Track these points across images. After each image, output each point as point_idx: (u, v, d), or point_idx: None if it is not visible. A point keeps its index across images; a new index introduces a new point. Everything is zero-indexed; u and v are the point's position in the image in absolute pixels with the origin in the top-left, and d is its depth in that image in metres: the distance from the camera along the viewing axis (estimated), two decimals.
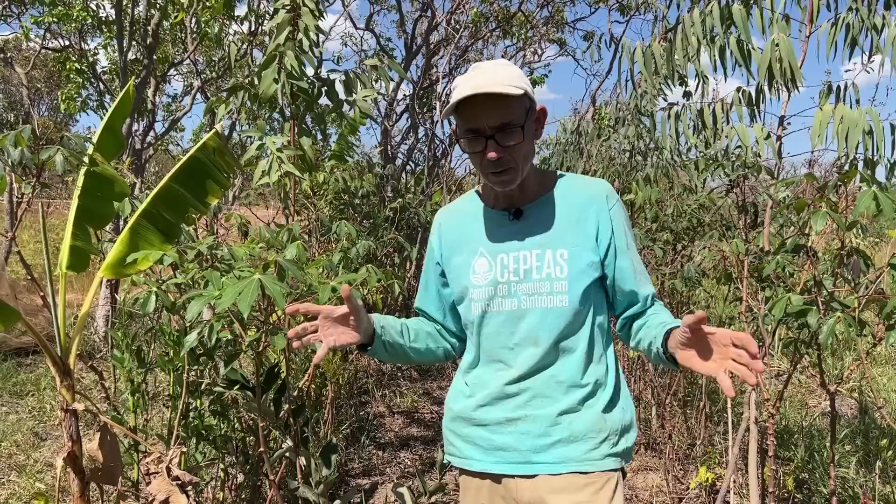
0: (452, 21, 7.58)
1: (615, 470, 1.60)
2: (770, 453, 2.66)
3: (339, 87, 2.92)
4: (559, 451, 1.57)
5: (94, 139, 2.50)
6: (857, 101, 2.86)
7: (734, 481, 3.43)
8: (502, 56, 8.66)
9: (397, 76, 7.32)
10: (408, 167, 7.89)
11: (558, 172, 1.68)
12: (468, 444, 1.67)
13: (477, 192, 1.75)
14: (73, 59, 7.56)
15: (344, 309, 1.52)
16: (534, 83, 8.55)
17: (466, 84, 1.46)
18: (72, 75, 7.52)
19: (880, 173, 2.85)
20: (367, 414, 4.90)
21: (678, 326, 1.39)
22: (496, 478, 1.63)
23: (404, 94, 8.17)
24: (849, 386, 5.33)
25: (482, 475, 1.66)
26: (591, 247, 1.58)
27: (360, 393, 5.29)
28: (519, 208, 1.63)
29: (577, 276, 1.56)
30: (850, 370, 2.54)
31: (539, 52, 8.57)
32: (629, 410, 1.66)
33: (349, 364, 4.93)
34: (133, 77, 2.93)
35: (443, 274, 1.74)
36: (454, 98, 1.47)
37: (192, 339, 2.02)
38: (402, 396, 5.39)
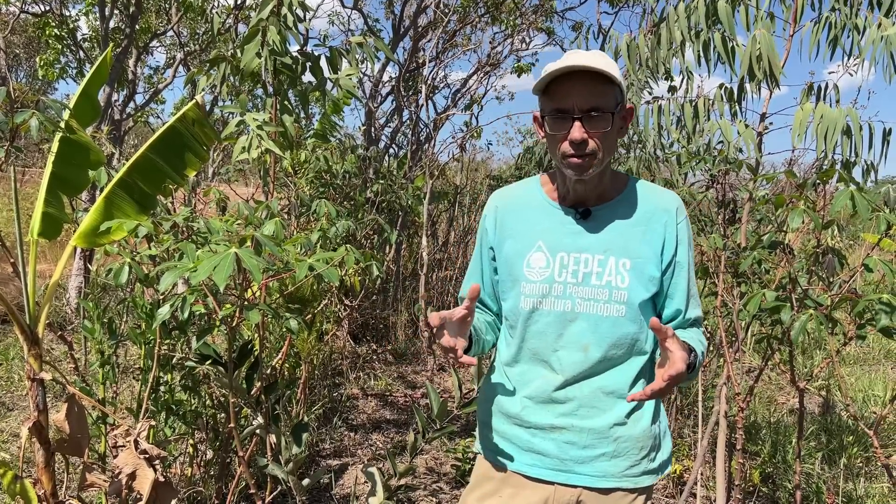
0: (441, 4, 7.53)
1: (648, 487, 1.60)
2: (738, 447, 2.69)
3: (325, 65, 2.88)
4: (601, 465, 1.55)
5: (70, 105, 2.45)
6: (838, 102, 2.89)
7: (701, 474, 3.47)
8: (489, 42, 8.63)
9: (383, 56, 7.25)
10: (391, 150, 7.84)
11: (630, 176, 1.63)
12: (504, 441, 1.64)
13: (539, 181, 1.67)
14: (53, 24, 7.40)
15: (462, 310, 1.42)
16: (520, 71, 8.52)
17: (561, 62, 1.40)
18: (51, 41, 7.37)
19: (858, 175, 2.88)
20: (340, 395, 4.89)
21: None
22: (530, 478, 1.61)
23: (390, 77, 8.11)
24: (817, 384, 5.42)
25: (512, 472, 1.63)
26: (654, 261, 1.54)
27: (333, 374, 5.28)
28: (588, 209, 1.56)
29: (637, 288, 1.52)
30: (820, 368, 2.58)
31: (527, 40, 8.53)
32: (665, 423, 1.65)
33: (324, 345, 4.91)
34: (114, 45, 2.86)
35: (494, 259, 1.67)
36: (547, 74, 1.41)
37: (164, 311, 1.98)
38: (377, 379, 5.39)
